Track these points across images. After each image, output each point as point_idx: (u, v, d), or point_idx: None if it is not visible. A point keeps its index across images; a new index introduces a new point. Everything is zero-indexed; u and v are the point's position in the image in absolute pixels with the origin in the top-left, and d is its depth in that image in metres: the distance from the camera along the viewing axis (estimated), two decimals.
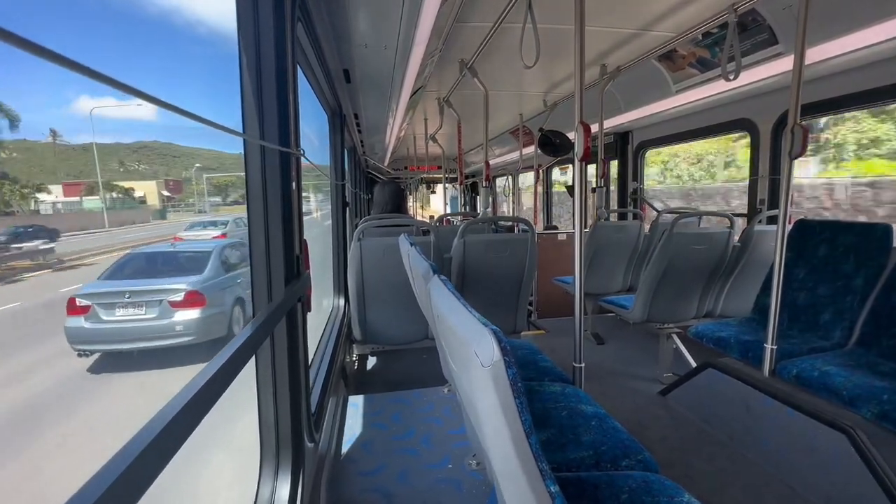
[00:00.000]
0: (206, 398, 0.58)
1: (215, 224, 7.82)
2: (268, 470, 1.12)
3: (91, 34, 20.92)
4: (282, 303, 1.00)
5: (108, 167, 8.53)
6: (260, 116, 1.02)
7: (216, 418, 0.65)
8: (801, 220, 2.57)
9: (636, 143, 4.43)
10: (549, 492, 0.65)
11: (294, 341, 1.15)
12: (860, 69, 2.38)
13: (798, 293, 2.44)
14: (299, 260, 1.20)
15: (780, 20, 2.27)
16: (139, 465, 0.43)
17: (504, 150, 7.03)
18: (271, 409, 1.11)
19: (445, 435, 2.00)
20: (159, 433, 0.47)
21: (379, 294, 2.73)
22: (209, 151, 10.91)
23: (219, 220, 8.17)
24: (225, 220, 7.91)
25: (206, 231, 7.17)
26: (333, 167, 3.11)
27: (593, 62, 3.22)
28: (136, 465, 0.42)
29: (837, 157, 5.73)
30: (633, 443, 1.39)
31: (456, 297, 0.90)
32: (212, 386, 0.59)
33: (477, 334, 0.68)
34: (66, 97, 15.11)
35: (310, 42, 1.64)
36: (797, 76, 1.83)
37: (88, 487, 0.38)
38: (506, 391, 0.63)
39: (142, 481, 0.44)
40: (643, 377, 2.91)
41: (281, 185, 1.08)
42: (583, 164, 1.88)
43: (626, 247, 3.71)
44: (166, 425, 0.48)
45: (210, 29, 63.97)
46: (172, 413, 0.50)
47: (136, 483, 0.43)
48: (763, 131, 3.04)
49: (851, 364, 1.93)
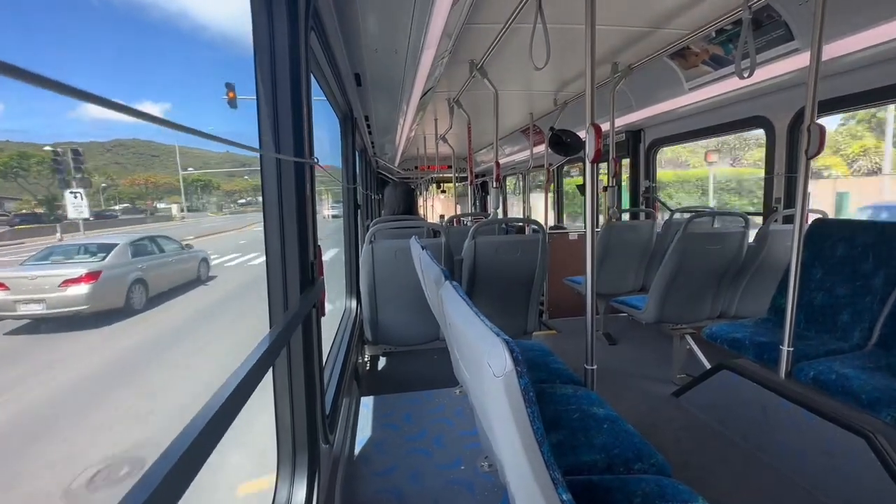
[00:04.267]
0: (230, 410, 0.59)
1: (86, 251, 6.43)
2: (285, 473, 1.15)
3: (107, 51, 21.21)
4: (298, 311, 1.01)
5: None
6: (275, 128, 1.04)
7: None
8: (819, 219, 2.52)
9: (648, 141, 4.38)
10: (562, 500, 0.65)
11: (309, 346, 1.17)
12: (879, 65, 2.32)
13: (815, 293, 2.40)
14: (314, 266, 1.22)
15: (796, 16, 2.23)
16: (166, 483, 0.44)
17: (514, 150, 7.00)
18: (288, 413, 1.13)
19: (457, 436, 2.01)
20: (187, 448, 0.48)
21: (391, 295, 2.75)
22: (196, 150, 10.92)
23: (94, 243, 6.86)
24: (107, 244, 6.59)
25: (49, 270, 5.70)
26: (345, 171, 3.14)
27: (604, 60, 3.19)
28: (164, 484, 0.43)
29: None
30: (645, 446, 1.38)
31: (468, 305, 0.91)
32: (234, 398, 0.60)
33: (489, 344, 0.69)
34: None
35: (322, 49, 1.66)
36: (814, 73, 1.79)
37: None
38: (518, 401, 0.63)
39: (170, 498, 0.45)
40: (656, 378, 2.88)
41: (296, 194, 1.10)
42: (594, 165, 1.87)
43: (639, 246, 3.68)
44: (194, 440, 0.49)
45: (224, 40, 65.01)
46: (199, 428, 0.51)
47: (165, 499, 0.44)
48: (779, 129, 2.99)
49: (871, 366, 1.89)
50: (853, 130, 10.83)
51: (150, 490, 0.41)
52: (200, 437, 0.50)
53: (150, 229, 7.75)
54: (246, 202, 31.01)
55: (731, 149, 12.87)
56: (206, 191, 23.70)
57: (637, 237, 3.64)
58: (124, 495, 0.40)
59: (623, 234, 3.58)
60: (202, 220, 21.93)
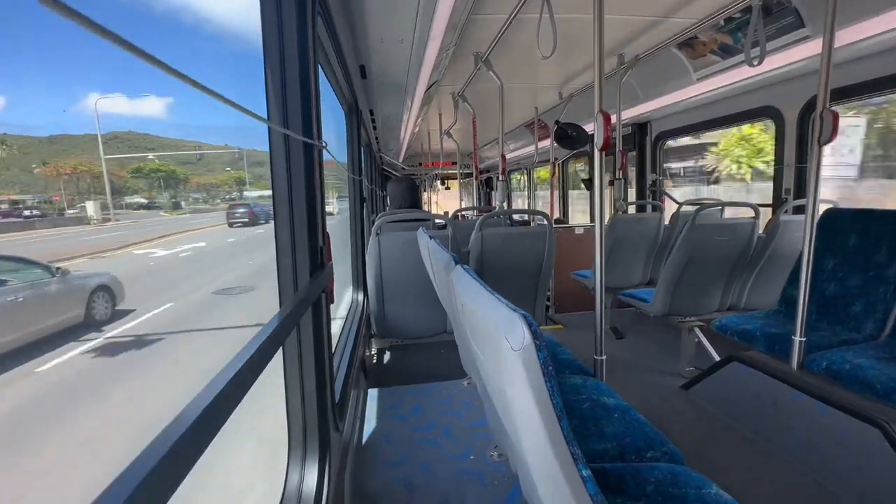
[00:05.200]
0: (237, 389, 0.56)
1: None
2: (296, 457, 1.14)
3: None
4: (307, 294, 1.01)
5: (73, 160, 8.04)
6: (283, 107, 1.04)
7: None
8: (831, 209, 2.49)
9: (655, 133, 4.35)
10: (582, 475, 0.64)
11: (319, 331, 1.17)
12: (893, 50, 2.29)
13: (827, 284, 2.37)
14: (322, 251, 1.21)
15: (808, 1, 2.20)
16: (170, 460, 0.41)
17: (519, 145, 6.98)
18: (298, 398, 1.13)
19: (467, 427, 2.01)
20: (190, 426, 0.45)
21: (397, 288, 2.75)
22: (190, 143, 10.19)
23: None
24: None
25: None
26: (351, 163, 3.14)
27: (611, 52, 3.16)
28: (167, 461, 0.41)
29: None
30: (657, 435, 1.37)
31: (481, 285, 0.90)
32: (241, 377, 0.58)
33: (506, 319, 0.68)
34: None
35: (329, 38, 1.65)
36: (826, 59, 1.76)
37: (116, 486, 0.37)
38: (537, 375, 0.63)
39: (173, 477, 0.42)
40: (664, 371, 2.86)
41: (305, 177, 1.09)
42: (602, 155, 1.85)
43: (646, 239, 3.65)
44: (196, 418, 0.47)
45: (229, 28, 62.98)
46: (203, 405, 0.49)
47: (167, 480, 0.41)
48: (788, 119, 2.95)
49: (885, 356, 1.86)
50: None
51: (141, 478, 0.38)
52: (203, 417, 0.48)
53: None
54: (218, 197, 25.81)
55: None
56: (171, 184, 20.27)
57: (644, 230, 3.62)
58: (112, 481, 0.38)
59: (630, 227, 3.56)
60: (150, 221, 15.23)
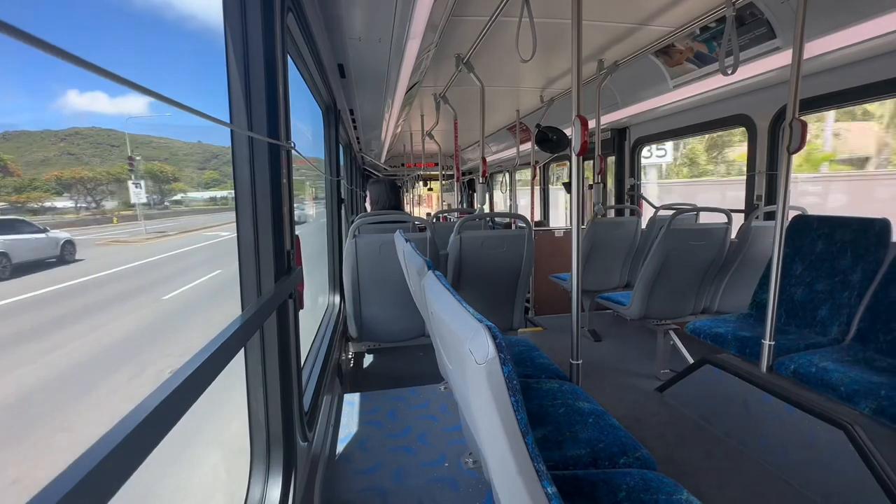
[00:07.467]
0: (191, 391, 0.54)
1: None
2: (258, 470, 1.10)
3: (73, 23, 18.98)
4: (272, 298, 0.97)
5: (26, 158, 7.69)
6: (248, 107, 0.99)
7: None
8: (799, 216, 2.56)
9: (633, 138, 4.42)
10: (546, 493, 0.63)
11: (285, 338, 1.12)
12: (859, 63, 2.37)
13: (795, 289, 2.43)
14: (290, 255, 1.17)
15: (779, 14, 2.26)
16: (112, 461, 0.40)
17: (501, 147, 7.01)
18: (262, 407, 1.08)
19: (441, 433, 1.98)
20: (136, 427, 0.44)
21: (375, 291, 2.70)
22: (161, 140, 9.93)
23: None
24: None
25: None
26: (328, 162, 3.08)
27: (590, 57, 3.19)
28: (109, 462, 0.39)
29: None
30: (630, 440, 1.37)
31: (450, 293, 0.88)
32: (196, 378, 0.56)
33: (471, 331, 0.66)
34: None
35: (302, 34, 1.61)
36: (796, 70, 1.81)
37: (54, 485, 0.35)
38: (500, 389, 0.60)
39: (114, 479, 0.41)
40: (640, 374, 2.90)
41: (270, 179, 1.05)
42: (580, 159, 1.86)
43: (624, 243, 3.70)
44: (144, 418, 0.45)
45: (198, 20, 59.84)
46: (152, 406, 0.47)
47: (108, 482, 0.40)
48: (760, 127, 3.03)
49: (849, 360, 1.92)
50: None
51: (79, 478, 0.36)
52: (151, 418, 0.46)
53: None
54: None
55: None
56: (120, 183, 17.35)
57: (622, 234, 3.66)
58: (51, 481, 0.36)
59: (608, 230, 3.60)
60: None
